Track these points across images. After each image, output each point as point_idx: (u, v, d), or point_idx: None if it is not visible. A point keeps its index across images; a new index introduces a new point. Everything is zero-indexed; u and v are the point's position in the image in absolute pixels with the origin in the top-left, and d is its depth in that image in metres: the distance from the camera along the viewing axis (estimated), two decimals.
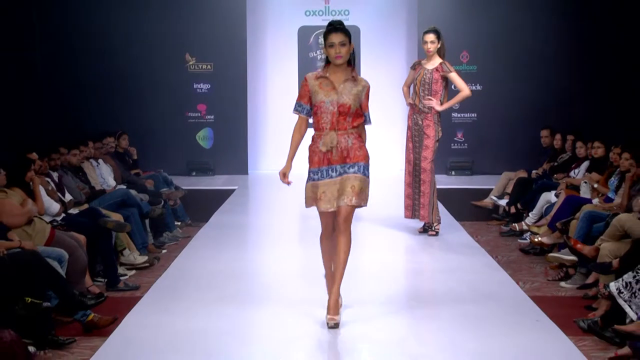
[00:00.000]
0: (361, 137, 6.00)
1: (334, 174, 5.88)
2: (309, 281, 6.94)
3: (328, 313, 5.83)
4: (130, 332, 5.91)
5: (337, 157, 5.86)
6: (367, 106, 6.05)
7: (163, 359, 5.29)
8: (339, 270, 5.88)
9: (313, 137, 6.00)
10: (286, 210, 10.90)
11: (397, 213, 9.48)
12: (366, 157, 5.95)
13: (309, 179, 5.98)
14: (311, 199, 5.95)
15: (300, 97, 6.02)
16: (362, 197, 5.87)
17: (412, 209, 9.12)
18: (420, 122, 8.97)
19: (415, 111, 8.98)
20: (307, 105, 5.98)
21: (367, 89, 5.98)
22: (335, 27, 5.82)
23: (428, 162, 8.95)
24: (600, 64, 13.39)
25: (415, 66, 9.19)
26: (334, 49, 5.80)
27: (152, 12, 13.58)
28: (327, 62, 5.93)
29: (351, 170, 5.87)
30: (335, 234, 5.92)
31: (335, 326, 5.77)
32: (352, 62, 5.94)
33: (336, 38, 5.77)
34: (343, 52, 5.80)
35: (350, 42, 5.85)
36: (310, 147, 6.00)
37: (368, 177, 5.96)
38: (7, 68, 11.54)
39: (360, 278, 6.91)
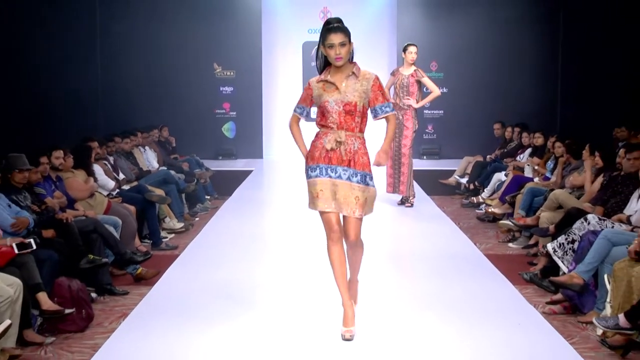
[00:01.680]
0: (365, 143, 4.69)
1: (333, 174, 4.54)
2: (313, 241, 6.93)
3: (344, 325, 4.59)
4: (170, 282, 5.92)
5: (340, 158, 4.54)
6: (386, 96, 4.71)
7: (196, 302, 5.30)
8: (354, 283, 4.82)
9: (318, 134, 4.68)
10: (293, 186, 10.90)
11: (380, 188, 9.47)
12: (369, 165, 4.62)
13: (307, 176, 4.67)
14: (310, 199, 4.67)
15: (302, 100, 4.78)
16: (367, 209, 4.58)
17: (393, 185, 9.16)
18: (400, 117, 8.97)
19: (396, 108, 8.96)
20: (307, 108, 4.77)
21: (373, 80, 4.65)
22: (334, 25, 4.54)
23: (407, 148, 8.97)
24: (540, 71, 13.42)
25: (395, 72, 9.22)
26: (333, 50, 4.51)
27: (189, 31, 13.56)
28: (326, 64, 4.68)
29: (354, 179, 4.52)
30: (347, 245, 4.65)
31: (351, 338, 4.52)
32: (351, 59, 4.71)
33: (336, 38, 4.49)
34: (343, 53, 4.53)
35: (350, 40, 4.59)
36: (313, 142, 4.68)
37: (373, 186, 4.63)
38: (76, 75, 11.52)
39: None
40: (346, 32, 4.56)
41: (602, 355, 5.21)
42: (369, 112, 4.69)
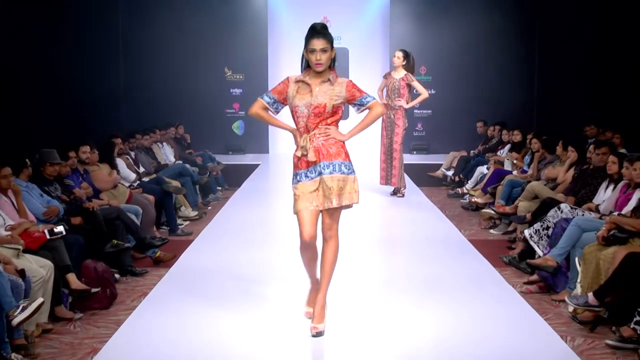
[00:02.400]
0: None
1: (312, 174, 4.20)
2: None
3: (312, 321, 4.24)
4: (186, 264, 5.94)
5: (312, 161, 4.19)
6: (361, 90, 4.25)
7: (209, 282, 5.31)
8: (326, 278, 4.26)
9: (295, 142, 4.36)
10: None
11: (374, 181, 9.47)
12: (341, 154, 4.22)
13: (293, 181, 4.34)
14: (294, 202, 4.29)
15: (276, 90, 4.33)
16: (345, 196, 4.15)
17: (386, 178, 9.15)
18: (392, 117, 8.97)
19: (388, 109, 8.97)
20: (280, 103, 4.34)
21: (346, 83, 4.21)
22: (318, 31, 4.13)
23: (398, 144, 8.97)
24: (519, 75, 13.44)
25: (387, 76, 9.17)
26: (314, 55, 4.10)
27: (202, 39, 13.56)
28: (308, 66, 4.26)
29: (327, 170, 4.16)
30: (322, 240, 4.28)
31: (318, 335, 4.17)
32: (332, 65, 4.23)
33: (318, 44, 4.08)
34: (323, 59, 4.10)
35: (332, 47, 4.15)
36: (295, 152, 4.35)
37: (349, 173, 4.20)
38: (101, 80, 11.55)
39: (347, 226, 6.92)
40: (329, 39, 4.14)
41: (573, 329, 5.23)
42: (351, 107, 4.30)
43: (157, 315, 4.53)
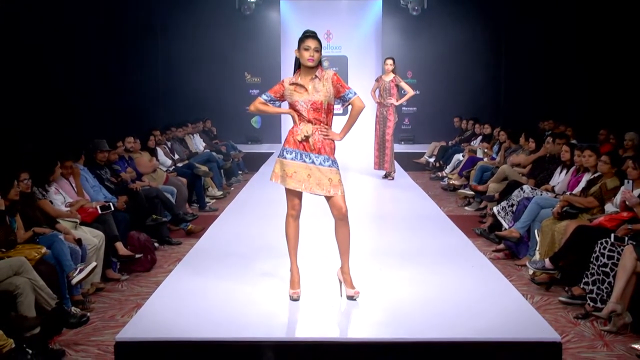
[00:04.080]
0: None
1: (307, 159, 4.02)
2: (320, 203, 6.92)
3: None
4: (213, 235, 5.93)
5: (310, 147, 4.00)
6: (345, 86, 4.05)
7: (233, 250, 5.29)
8: (347, 253, 4.06)
9: (295, 121, 4.11)
10: None
11: (368, 166, 9.45)
12: (333, 152, 4.07)
13: (281, 155, 4.12)
14: (278, 175, 4.14)
15: (273, 91, 4.14)
16: (341, 187, 4.01)
17: (379, 164, 9.09)
18: (384, 113, 8.90)
19: (381, 106, 8.91)
20: (272, 95, 4.14)
21: (332, 78, 4.00)
22: (312, 34, 4.05)
23: (390, 135, 8.90)
24: (488, 78, 13.38)
25: (378, 79, 9.05)
26: (308, 52, 3.95)
27: (226, 48, 13.48)
28: (297, 67, 4.09)
29: (326, 164, 3.99)
30: (336, 222, 4.06)
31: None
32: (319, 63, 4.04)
33: (312, 43, 3.96)
34: (315, 57, 3.95)
35: (320, 50, 4.02)
36: (291, 130, 4.12)
37: (337, 168, 4.05)
38: (143, 83, 11.55)
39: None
40: (319, 42, 4.00)
41: (533, 289, 5.24)
42: (335, 104, 4.09)
43: (189, 277, 4.54)
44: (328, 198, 4.03)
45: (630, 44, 9.59)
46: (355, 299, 4.02)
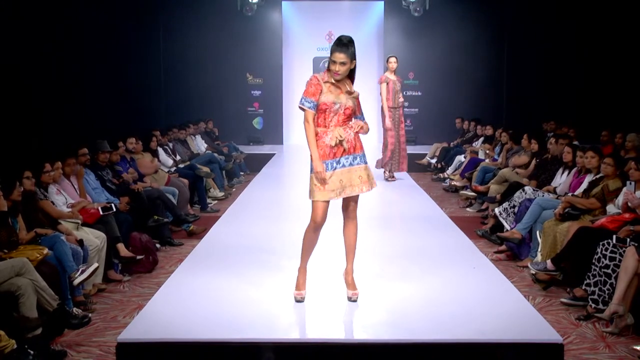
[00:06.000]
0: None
1: (338, 165, 3.90)
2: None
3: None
4: (215, 236, 5.94)
5: (342, 150, 3.92)
6: (360, 111, 4.07)
7: (233, 251, 5.30)
8: (353, 252, 4.07)
9: (318, 133, 3.93)
10: (306, 164, 10.90)
11: (369, 166, 9.42)
12: (362, 147, 4.04)
13: (313, 171, 3.93)
14: (316, 190, 3.92)
15: (311, 94, 3.88)
16: (371, 182, 3.98)
17: (391, 166, 8.97)
18: (397, 115, 8.70)
19: (392, 111, 8.67)
20: (314, 101, 3.87)
21: (357, 98, 3.99)
22: (342, 44, 3.82)
23: (403, 137, 8.88)
24: (490, 79, 13.38)
25: (386, 80, 8.69)
26: (334, 66, 3.83)
27: (229, 49, 13.48)
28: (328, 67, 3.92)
29: (356, 162, 3.95)
30: (346, 219, 4.05)
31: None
32: (352, 74, 3.96)
33: (338, 58, 3.80)
34: (341, 71, 3.81)
35: (352, 60, 3.84)
36: (318, 143, 3.94)
37: (366, 163, 4.02)
38: (145, 84, 11.58)
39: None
40: (349, 53, 3.82)
41: (534, 290, 5.24)
42: None
43: (190, 278, 4.54)
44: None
45: (632, 45, 9.60)
46: (354, 301, 4.02)
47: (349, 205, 4.02)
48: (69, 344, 4.19)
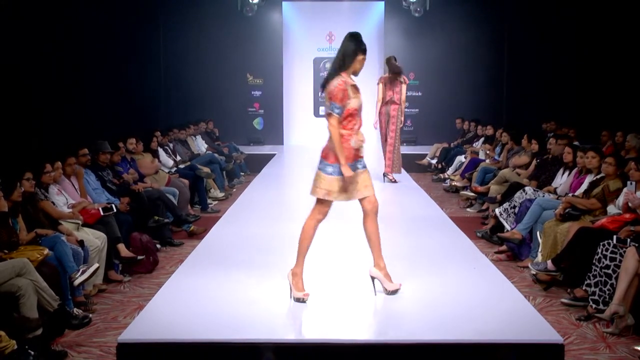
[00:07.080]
0: None
1: (359, 166, 4.03)
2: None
3: (385, 283, 4.11)
4: (215, 236, 5.93)
5: (359, 154, 4.02)
6: None
7: (234, 251, 5.30)
8: (380, 249, 4.15)
9: (344, 136, 3.91)
10: (307, 165, 10.91)
11: (370, 166, 9.40)
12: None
13: (336, 172, 3.93)
14: (336, 192, 3.97)
15: (340, 100, 3.85)
16: (371, 187, 4.10)
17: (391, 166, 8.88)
18: (393, 112, 8.66)
19: (387, 104, 8.62)
20: (343, 107, 3.87)
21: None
22: (366, 49, 4.04)
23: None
24: (491, 79, 13.40)
25: (391, 80, 8.50)
26: (362, 65, 3.99)
27: (229, 49, 13.51)
28: (342, 67, 3.98)
29: (361, 165, 4.06)
30: (367, 220, 4.12)
31: (397, 291, 4.10)
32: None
33: (364, 60, 4.00)
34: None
35: None
36: (346, 145, 3.93)
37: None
38: (145, 85, 11.60)
39: (351, 205, 6.91)
40: None
41: (535, 290, 5.25)
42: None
43: (191, 278, 4.54)
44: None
45: (632, 45, 9.59)
46: (398, 292, 4.06)
47: (370, 201, 4.07)
48: (70, 345, 4.20)
